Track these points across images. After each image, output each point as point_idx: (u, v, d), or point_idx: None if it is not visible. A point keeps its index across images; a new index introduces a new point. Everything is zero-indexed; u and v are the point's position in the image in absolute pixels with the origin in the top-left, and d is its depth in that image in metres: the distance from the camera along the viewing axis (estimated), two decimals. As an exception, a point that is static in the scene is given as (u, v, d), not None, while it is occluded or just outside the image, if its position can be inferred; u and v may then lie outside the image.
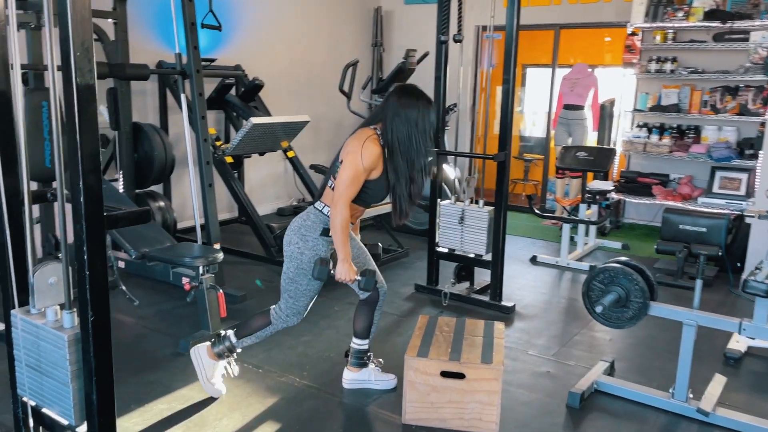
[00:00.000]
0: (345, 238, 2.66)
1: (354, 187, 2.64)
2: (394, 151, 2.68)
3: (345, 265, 2.69)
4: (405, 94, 2.72)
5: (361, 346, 3.04)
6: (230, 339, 2.90)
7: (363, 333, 3.02)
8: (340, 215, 2.61)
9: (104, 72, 3.73)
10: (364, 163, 2.61)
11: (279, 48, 6.75)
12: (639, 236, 6.29)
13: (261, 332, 2.91)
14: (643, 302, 2.86)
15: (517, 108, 8.70)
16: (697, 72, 5.80)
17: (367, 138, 2.65)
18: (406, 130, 2.66)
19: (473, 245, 4.17)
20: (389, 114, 2.69)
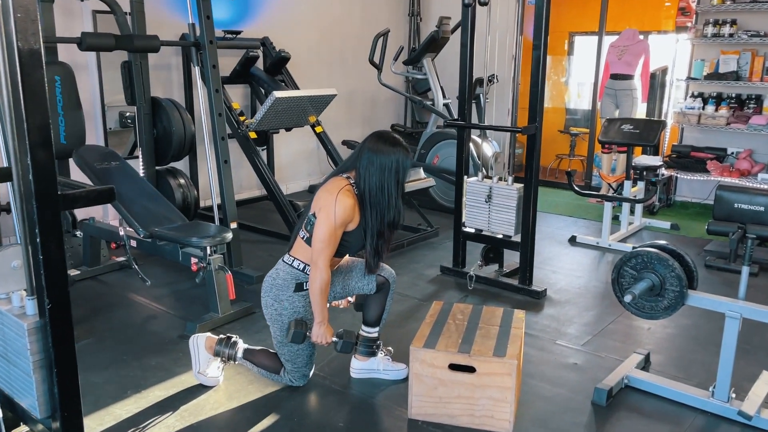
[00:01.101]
0: (323, 301, 2.54)
1: (332, 244, 2.51)
2: (364, 202, 2.55)
3: (321, 328, 2.59)
4: (380, 141, 2.57)
5: (371, 334, 2.85)
6: (237, 351, 2.78)
7: (374, 321, 2.83)
8: (320, 277, 2.49)
9: (110, 44, 3.60)
10: (338, 219, 2.49)
11: (309, 19, 6.52)
12: (691, 215, 5.85)
13: (265, 372, 2.79)
14: (680, 291, 2.55)
15: (562, 78, 8.25)
16: (759, 36, 5.28)
17: (339, 190, 2.51)
18: (378, 179, 2.52)
19: (501, 225, 3.89)
20: (363, 162, 2.55)
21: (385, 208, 2.56)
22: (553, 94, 8.41)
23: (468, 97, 3.93)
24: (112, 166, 3.81)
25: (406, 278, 4.17)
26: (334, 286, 2.73)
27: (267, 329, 3.31)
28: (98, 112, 4.91)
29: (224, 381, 2.82)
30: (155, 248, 3.57)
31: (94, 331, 3.30)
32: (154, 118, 4.52)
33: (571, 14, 7.99)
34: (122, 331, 3.33)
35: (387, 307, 2.83)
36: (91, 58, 4.79)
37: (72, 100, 3.91)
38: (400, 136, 6.92)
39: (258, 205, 6.08)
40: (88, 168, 3.69)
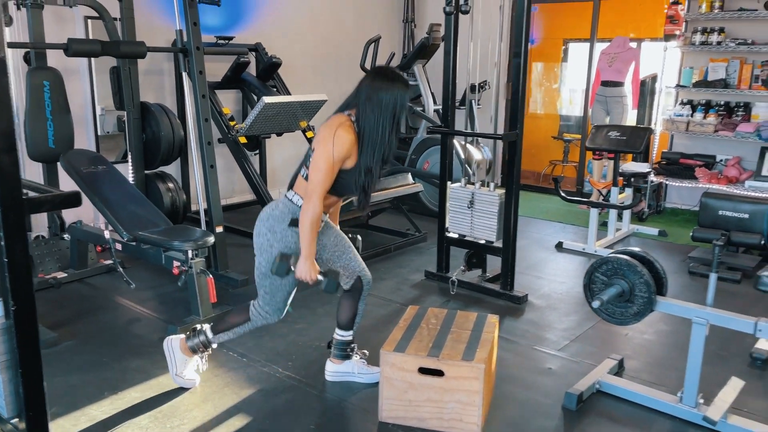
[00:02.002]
0: (312, 235, 2.48)
1: (328, 178, 2.46)
2: (362, 139, 2.50)
3: (307, 262, 2.50)
4: (379, 77, 2.52)
5: (345, 338, 2.88)
6: (206, 333, 2.78)
7: (347, 324, 2.86)
8: (312, 210, 2.44)
9: (96, 50, 3.65)
10: (336, 153, 2.44)
11: (303, 25, 6.58)
12: (680, 222, 5.87)
13: (238, 328, 2.76)
14: (649, 297, 2.58)
15: (555, 85, 8.29)
16: (747, 44, 5.31)
17: (339, 125, 2.46)
18: (375, 115, 2.47)
19: (483, 231, 3.93)
20: (362, 98, 2.50)
21: (378, 144, 2.49)
22: (546, 100, 8.45)
23: (451, 104, 3.97)
24: (99, 170, 3.86)
25: (390, 283, 4.20)
26: (326, 248, 2.70)
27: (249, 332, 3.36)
28: (89, 116, 4.97)
29: (201, 383, 2.85)
30: (139, 251, 3.62)
31: (77, 333, 3.34)
32: (144, 122, 4.57)
33: (565, 21, 8.04)
34: (105, 333, 3.37)
35: (360, 311, 2.85)
36: (83, 62, 4.85)
37: (60, 105, 3.96)
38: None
39: (251, 209, 6.12)
40: (75, 172, 3.74)
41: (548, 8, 7.86)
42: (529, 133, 8.28)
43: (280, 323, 3.46)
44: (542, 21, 8.26)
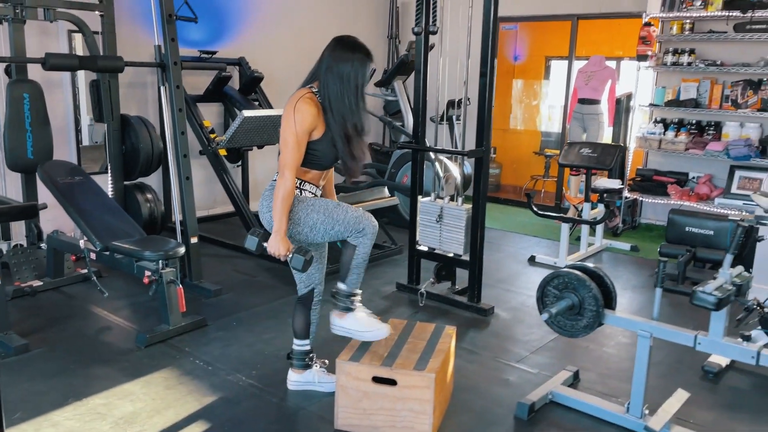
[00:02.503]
0: (283, 209, 2.52)
1: (296, 152, 2.51)
2: (326, 110, 2.56)
3: (277, 237, 2.54)
4: (339, 47, 2.58)
5: (302, 347, 2.94)
6: (339, 289, 2.74)
7: (302, 333, 2.93)
8: (283, 184, 2.50)
9: (74, 64, 3.75)
10: (298, 126, 2.49)
11: (287, 40, 6.70)
12: (654, 238, 5.97)
13: (355, 260, 2.68)
14: (597, 311, 2.67)
15: (534, 102, 8.43)
16: (716, 65, 5.45)
17: (299, 99, 2.53)
18: (337, 87, 2.53)
19: (451, 244, 4.02)
20: (323, 69, 2.56)
21: (347, 112, 2.54)
22: (528, 117, 8.59)
23: (422, 120, 4.07)
24: (76, 180, 3.94)
25: (363, 294, 4.26)
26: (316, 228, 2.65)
27: (216, 341, 3.45)
28: (71, 127, 5.05)
29: (163, 390, 2.92)
30: (113, 261, 3.69)
31: (47, 341, 3.41)
32: (123, 134, 4.66)
33: (548, 39, 8.19)
34: (75, 341, 3.44)
35: (313, 320, 2.92)
36: (66, 75, 4.94)
37: (40, 117, 4.04)
38: (378, 155, 7.01)
39: (231, 220, 6.19)
40: (51, 182, 3.82)
41: (531, 26, 8.01)
42: (511, 148, 8.49)
43: (248, 333, 3.58)
44: (526, 39, 8.41)
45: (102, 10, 4.36)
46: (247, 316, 3.85)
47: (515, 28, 7.88)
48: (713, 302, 2.33)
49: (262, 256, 2.72)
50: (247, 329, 3.65)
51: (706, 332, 2.47)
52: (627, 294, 4.49)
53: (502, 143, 8.27)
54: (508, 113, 8.52)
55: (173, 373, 3.08)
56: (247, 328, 3.66)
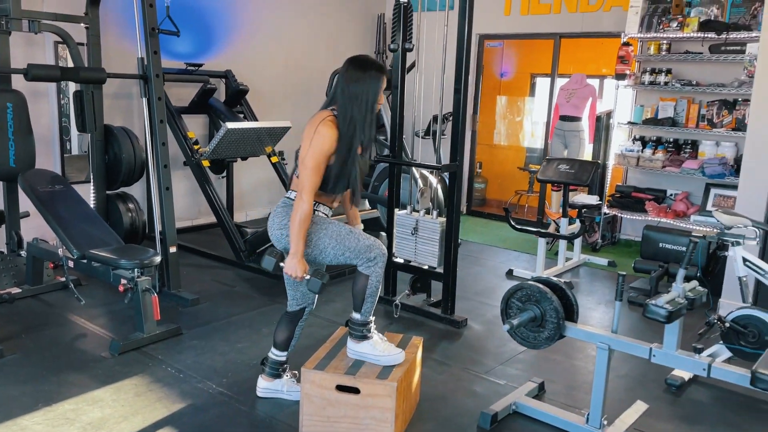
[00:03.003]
0: (300, 232, 2.56)
1: (315, 175, 2.56)
2: (341, 131, 2.58)
3: (294, 259, 2.59)
4: (352, 67, 2.61)
5: (279, 358, 2.99)
6: (353, 319, 2.78)
7: (282, 345, 2.97)
8: (302, 207, 2.54)
9: (56, 75, 3.82)
10: (318, 149, 2.53)
11: (275, 54, 6.79)
12: (632, 253, 6.05)
13: (369, 290, 2.71)
14: (558, 323, 2.74)
15: (518, 118, 8.55)
16: (691, 84, 5.56)
17: (321, 122, 2.56)
18: (352, 107, 2.56)
19: (426, 257, 4.08)
20: (338, 92, 2.60)
21: (357, 133, 2.57)
22: (513, 133, 8.70)
23: (399, 135, 4.15)
24: (56, 189, 4.00)
25: (338, 305, 4.33)
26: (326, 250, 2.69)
27: (189, 349, 3.49)
28: (56, 137, 5.11)
29: (133, 397, 2.96)
30: (90, 269, 3.74)
31: (22, 347, 3.45)
32: (107, 145, 4.73)
33: (533, 56, 8.33)
34: (50, 347, 3.48)
35: (296, 335, 2.97)
36: (51, 85, 5.00)
37: (23, 126, 4.10)
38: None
39: (215, 231, 6.22)
40: (31, 191, 3.87)
41: (517, 44, 8.15)
42: (497, 164, 8.58)
43: (222, 342, 3.62)
44: (512, 56, 8.54)
45: (87, 22, 4.44)
46: (222, 325, 3.90)
47: (500, 45, 8.01)
48: (664, 315, 2.40)
49: (241, 265, 2.78)
50: (221, 338, 3.70)
51: (659, 344, 2.54)
52: (601, 308, 4.56)
53: (488, 158, 8.37)
54: (493, 129, 8.62)
55: (144, 381, 3.12)
56: (221, 337, 3.71)
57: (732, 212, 3.42)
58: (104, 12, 4.74)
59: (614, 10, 6.20)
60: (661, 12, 5.60)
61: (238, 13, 6.40)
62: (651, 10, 5.66)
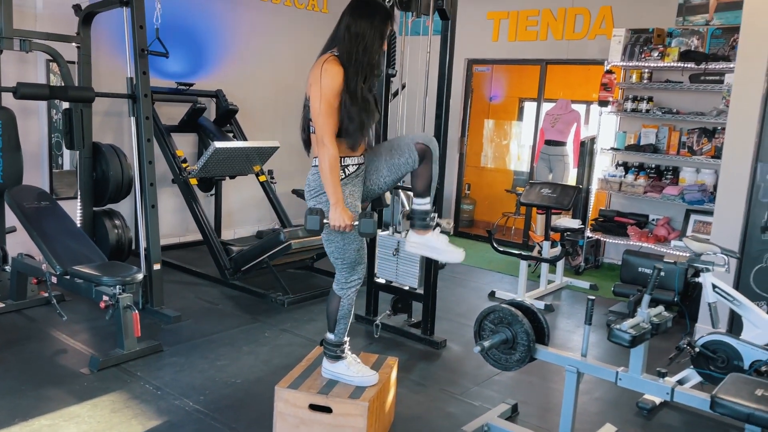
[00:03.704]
0: (333, 179, 2.47)
1: (330, 117, 2.47)
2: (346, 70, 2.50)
3: (337, 209, 2.48)
4: (358, 5, 2.56)
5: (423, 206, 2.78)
6: (328, 340, 2.81)
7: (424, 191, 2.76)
8: (327, 152, 2.46)
9: (44, 93, 3.89)
10: (326, 89, 2.45)
11: (266, 75, 6.89)
12: (614, 277, 6.09)
13: (342, 312, 2.75)
14: (528, 345, 2.79)
15: (504, 141, 8.67)
16: (672, 112, 5.68)
17: (325, 61, 2.50)
18: (354, 47, 2.50)
19: (407, 277, 4.14)
20: (341, 32, 2.54)
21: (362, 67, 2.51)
22: (500, 156, 8.81)
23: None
24: (42, 205, 4.05)
25: (320, 324, 4.37)
26: (380, 171, 2.67)
27: (169, 366, 3.53)
28: (45, 153, 5.17)
29: (109, 413, 2.99)
30: (72, 285, 3.78)
31: (2, 362, 3.48)
32: (95, 162, 4.79)
33: (521, 81, 8.46)
34: (30, 362, 3.50)
35: (434, 174, 2.76)
36: (42, 103, 5.07)
37: (12, 143, 4.16)
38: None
39: (202, 248, 6.26)
40: (17, 207, 3.93)
41: (506, 68, 8.29)
42: (485, 186, 8.68)
43: (201, 359, 3.66)
44: (501, 80, 8.68)
45: (78, 42, 4.53)
46: (203, 342, 3.93)
47: (487, 70, 8.15)
48: (628, 340, 2.46)
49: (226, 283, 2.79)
50: (201, 355, 3.73)
51: (626, 368, 2.59)
52: (580, 331, 4.61)
53: (477, 180, 8.47)
54: (482, 152, 8.73)
55: (121, 397, 3.15)
56: (201, 355, 3.74)
57: (702, 239, 3.50)
58: (96, 32, 4.83)
59: (598, 38, 6.34)
60: (642, 41, 5.74)
61: (229, 34, 6.51)
62: (633, 40, 5.79)
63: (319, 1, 7.36)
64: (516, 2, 6.91)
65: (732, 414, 2.21)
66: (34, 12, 4.94)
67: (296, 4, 7.11)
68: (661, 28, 5.72)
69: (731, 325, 4.18)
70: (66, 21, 4.80)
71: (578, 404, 3.19)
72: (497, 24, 7.10)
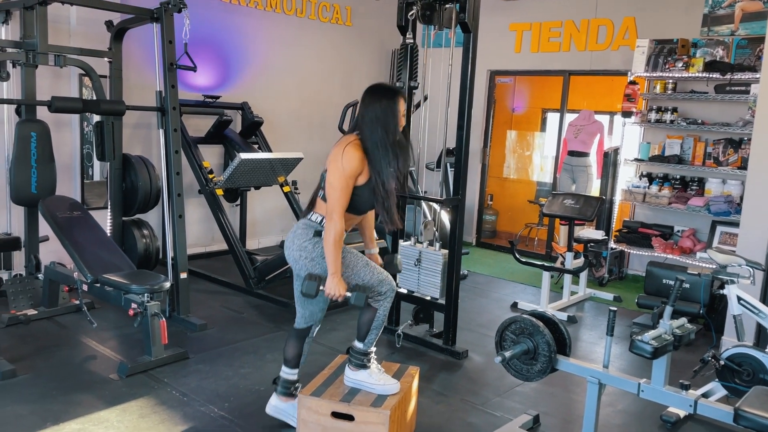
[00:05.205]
0: (336, 252, 2.64)
1: (343, 196, 2.65)
2: (368, 156, 2.69)
3: (334, 279, 2.67)
4: (368, 96, 2.76)
5: (290, 376, 3.03)
6: (354, 348, 2.90)
7: (292, 361, 3.02)
8: (335, 227, 2.63)
9: (78, 107, 4.02)
10: (346, 169, 2.64)
11: (291, 87, 7.00)
12: (639, 289, 6.04)
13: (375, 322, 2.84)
14: (550, 356, 2.80)
15: (527, 152, 8.65)
16: (697, 123, 5.64)
17: (347, 144, 2.68)
18: (372, 133, 2.69)
19: (428, 288, 4.17)
20: (359, 120, 2.76)
21: (381, 157, 2.67)
22: (523, 167, 8.80)
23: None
24: (74, 215, 4.17)
25: (342, 334, 4.42)
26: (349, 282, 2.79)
27: (194, 373, 3.60)
28: (77, 164, 5.32)
29: (137, 419, 3.06)
30: (102, 293, 3.87)
31: (34, 367, 3.57)
32: (124, 173, 4.91)
33: (544, 92, 8.46)
34: (61, 368, 3.60)
35: (305, 351, 3.05)
36: (75, 116, 5.22)
37: (45, 155, 4.29)
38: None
39: (227, 258, 6.36)
40: (50, 216, 4.05)
41: (528, 79, 8.30)
42: (508, 197, 8.67)
43: (225, 367, 3.72)
44: (524, 91, 8.69)
45: (110, 57, 4.66)
46: (228, 350, 4.00)
47: (510, 81, 8.16)
48: (649, 351, 2.46)
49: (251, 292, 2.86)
50: (226, 363, 3.80)
51: (648, 380, 2.59)
52: (602, 343, 4.59)
53: (499, 191, 8.47)
54: (504, 162, 8.74)
55: (149, 403, 3.22)
56: (226, 362, 3.81)
57: (727, 250, 3.48)
58: (127, 47, 4.97)
59: (622, 49, 6.32)
60: (667, 52, 5.71)
61: (254, 47, 6.64)
62: (657, 50, 5.78)
63: (343, 14, 7.47)
64: (539, 14, 6.94)
65: (756, 427, 2.20)
66: (68, 28, 5.10)
67: (320, 17, 7.22)
68: (685, 39, 5.70)
69: (758, 338, 4.13)
70: (98, 37, 4.95)
71: (601, 416, 3.18)
72: (520, 35, 7.13)
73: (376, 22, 7.81)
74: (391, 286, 2.84)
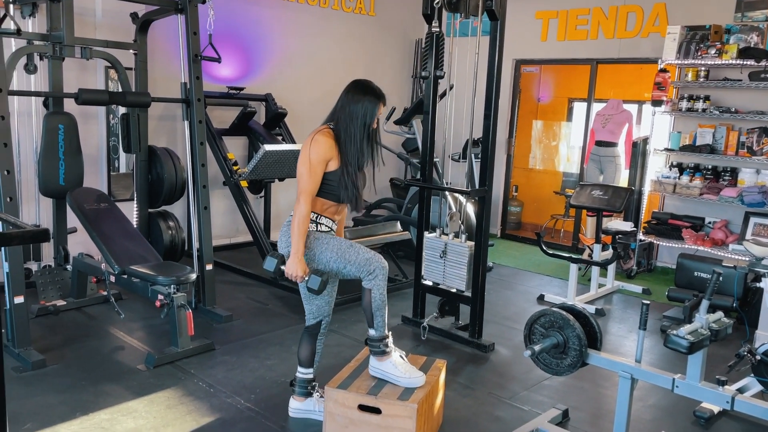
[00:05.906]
0: (299, 233, 2.73)
1: (310, 179, 2.75)
2: (340, 144, 2.79)
3: (295, 259, 2.75)
4: (353, 89, 2.85)
5: (305, 375, 3.07)
6: (371, 337, 2.89)
7: (306, 362, 3.06)
8: (299, 210, 2.74)
9: (104, 99, 4.03)
10: (313, 155, 2.74)
11: (314, 79, 6.97)
12: (669, 281, 5.93)
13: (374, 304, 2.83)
14: (580, 350, 2.74)
15: (553, 142, 8.53)
16: (730, 111, 5.49)
17: (317, 132, 2.80)
18: (347, 125, 2.79)
19: (454, 280, 4.12)
20: (338, 108, 2.85)
21: (352, 148, 2.78)
22: (549, 157, 8.68)
23: (429, 159, 4.22)
24: (101, 207, 4.19)
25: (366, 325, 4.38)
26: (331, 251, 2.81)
27: (221, 365, 3.61)
28: (104, 156, 5.36)
29: (165, 409, 3.08)
30: (129, 284, 3.90)
31: (64, 358, 3.61)
32: (150, 165, 4.93)
33: (570, 81, 8.32)
34: (89, 359, 3.63)
35: (318, 350, 3.07)
36: (101, 108, 5.26)
37: (73, 147, 4.32)
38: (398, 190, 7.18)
39: (252, 249, 6.37)
40: (78, 208, 4.08)
41: (554, 69, 8.17)
42: (534, 188, 8.57)
43: (251, 358, 3.72)
44: (550, 80, 8.56)
45: (136, 49, 4.67)
46: (253, 342, 4.00)
47: (536, 71, 8.04)
48: (686, 346, 2.39)
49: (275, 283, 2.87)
50: (252, 355, 3.80)
51: (683, 375, 2.52)
52: (632, 336, 4.51)
53: (524, 182, 8.37)
54: (530, 153, 8.63)
55: (176, 393, 3.24)
56: (252, 354, 3.81)
57: (764, 242, 3.37)
58: (152, 39, 4.98)
59: (652, 36, 6.18)
60: (699, 39, 5.57)
61: (278, 38, 6.61)
62: (689, 37, 5.63)
63: (366, 4, 7.41)
64: (565, 1, 6.81)
65: (797, 425, 2.12)
66: (93, 21, 5.12)
67: (344, 7, 7.17)
68: (718, 25, 5.54)
69: (794, 333, 4.01)
70: (124, 29, 4.97)
71: (632, 411, 3.12)
72: (546, 24, 7.01)
73: (399, 11, 7.74)
74: (379, 263, 2.81)
